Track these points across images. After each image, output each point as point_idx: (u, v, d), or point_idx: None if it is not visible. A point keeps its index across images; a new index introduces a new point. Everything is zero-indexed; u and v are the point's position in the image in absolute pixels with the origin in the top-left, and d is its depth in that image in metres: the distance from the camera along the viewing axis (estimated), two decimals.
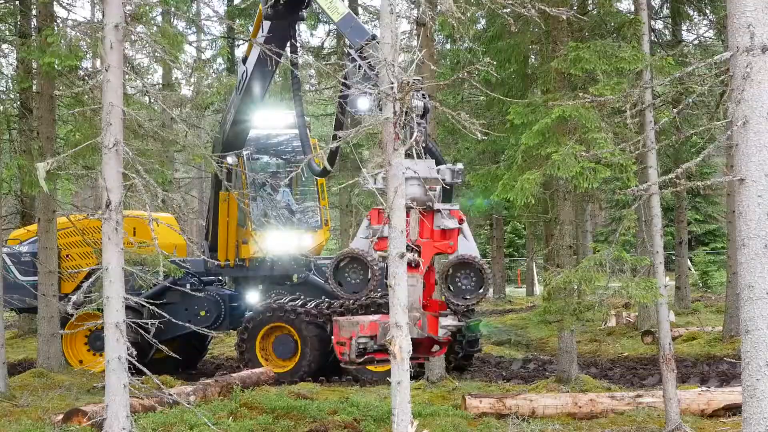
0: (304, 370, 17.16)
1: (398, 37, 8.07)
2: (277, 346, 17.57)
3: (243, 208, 19.34)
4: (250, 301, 19.05)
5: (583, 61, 11.87)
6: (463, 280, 10.39)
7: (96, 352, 18.63)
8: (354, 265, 10.49)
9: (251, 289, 19.35)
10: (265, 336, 17.53)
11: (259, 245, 19.09)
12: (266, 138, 20.58)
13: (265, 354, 17.56)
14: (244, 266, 19.09)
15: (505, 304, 35.86)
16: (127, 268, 9.01)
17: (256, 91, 17.13)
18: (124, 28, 8.81)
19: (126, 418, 8.78)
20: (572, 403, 12.49)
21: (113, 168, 8.70)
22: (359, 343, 10.44)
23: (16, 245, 19.54)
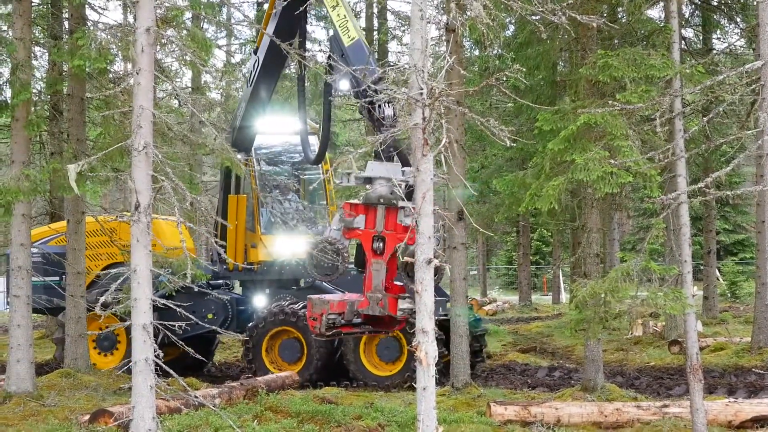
0: (311, 373, 17.17)
1: (428, 42, 8.08)
2: (283, 350, 17.57)
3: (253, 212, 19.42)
4: (258, 305, 19.08)
5: (612, 68, 11.82)
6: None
7: (103, 352, 18.78)
8: (327, 251, 12.25)
9: (258, 292, 19.39)
10: (272, 340, 17.54)
11: (268, 249, 19.15)
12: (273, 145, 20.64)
13: (271, 358, 17.58)
14: (252, 270, 19.12)
15: (531, 311, 35.75)
16: (155, 270, 9.06)
17: (266, 81, 17.21)
18: (155, 32, 8.86)
19: (152, 420, 8.82)
20: (598, 412, 12.43)
21: (143, 170, 8.75)
22: (329, 319, 12.36)
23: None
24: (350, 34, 14.20)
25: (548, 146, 11.99)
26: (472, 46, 23.82)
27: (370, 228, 12.39)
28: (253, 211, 19.53)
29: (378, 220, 12.48)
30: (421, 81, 7.84)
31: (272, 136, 20.38)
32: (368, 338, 17.03)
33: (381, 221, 12.51)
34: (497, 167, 24.74)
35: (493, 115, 21.96)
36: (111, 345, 18.71)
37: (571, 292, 12.20)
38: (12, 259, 14.61)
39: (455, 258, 15.24)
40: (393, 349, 17.28)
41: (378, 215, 12.46)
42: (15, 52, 14.19)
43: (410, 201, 11.71)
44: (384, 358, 17.26)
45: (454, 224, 14.74)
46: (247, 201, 19.47)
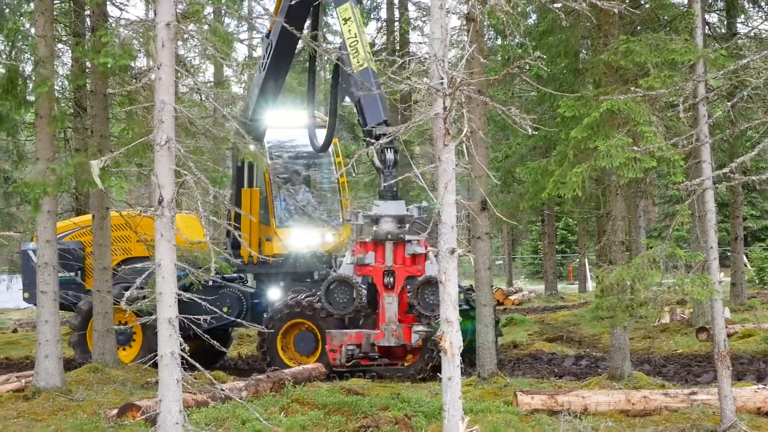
0: (326, 364, 17.16)
1: (448, 32, 8.05)
2: (298, 343, 17.54)
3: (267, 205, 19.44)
4: (272, 298, 19.07)
5: (634, 53, 11.74)
6: (431, 295, 13.09)
7: (119, 346, 18.83)
8: (342, 287, 13.51)
9: (273, 285, 19.39)
10: (286, 332, 17.51)
11: (283, 242, 19.17)
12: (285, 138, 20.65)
13: (286, 350, 17.59)
14: (266, 263, 19.14)
15: (557, 300, 35.66)
16: (179, 264, 9.09)
17: (279, 66, 17.27)
18: (175, 27, 8.88)
19: (179, 413, 8.85)
20: (625, 400, 12.38)
21: (165, 165, 8.77)
22: (348, 350, 13.63)
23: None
24: (359, 59, 14.71)
25: (571, 134, 11.94)
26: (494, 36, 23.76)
27: (380, 263, 13.18)
28: (267, 204, 19.53)
29: (387, 255, 13.48)
30: (442, 70, 7.82)
31: (284, 129, 20.40)
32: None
33: (390, 256, 13.53)
34: (520, 156, 24.63)
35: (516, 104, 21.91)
36: (127, 339, 18.77)
37: (597, 279, 12.16)
38: (38, 255, 14.69)
39: (479, 248, 15.19)
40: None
41: (387, 251, 13.47)
42: (37, 48, 14.26)
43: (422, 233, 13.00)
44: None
45: (478, 214, 14.72)
46: (260, 194, 19.50)
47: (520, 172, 14.76)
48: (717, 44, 18.25)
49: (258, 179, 19.59)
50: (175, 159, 8.90)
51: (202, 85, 10.69)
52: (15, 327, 30.21)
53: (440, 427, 9.03)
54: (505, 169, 24.53)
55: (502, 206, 22.27)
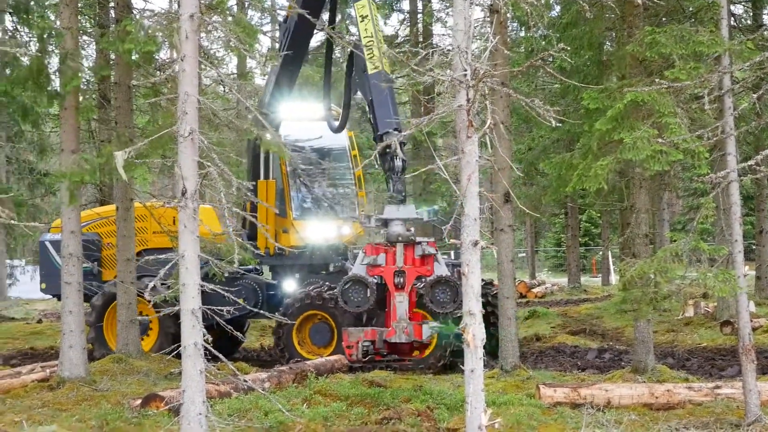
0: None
1: (471, 23, 8.03)
2: (314, 334, 17.56)
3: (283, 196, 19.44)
4: (288, 290, 19.09)
5: (659, 45, 11.66)
6: (441, 294, 13.84)
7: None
8: (357, 286, 14.17)
9: (288, 277, 19.40)
10: (302, 324, 17.52)
11: (300, 234, 19.19)
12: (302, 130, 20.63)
13: (301, 342, 17.61)
14: (283, 255, 19.15)
15: (581, 293, 35.57)
16: (203, 255, 9.12)
17: (295, 53, 17.35)
18: (199, 18, 8.90)
19: (202, 404, 8.89)
20: (648, 394, 12.34)
21: (189, 156, 8.80)
22: (363, 346, 14.33)
23: (59, 233, 19.89)
24: (374, 61, 14.98)
25: (595, 126, 11.89)
26: (517, 27, 23.70)
27: (391, 264, 13.70)
28: (283, 196, 19.54)
29: (398, 257, 14.17)
30: (465, 62, 7.80)
31: (301, 122, 20.40)
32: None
33: (400, 257, 14.21)
34: (544, 149, 24.60)
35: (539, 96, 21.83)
36: (144, 329, 18.84)
37: (620, 272, 12.11)
38: (63, 246, 14.78)
39: (502, 240, 15.17)
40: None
41: (397, 252, 14.13)
42: (63, 41, 14.33)
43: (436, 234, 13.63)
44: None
45: (501, 206, 14.70)
46: (276, 186, 19.51)
47: (544, 166, 14.72)
48: (743, 36, 18.10)
49: (274, 171, 19.58)
50: (199, 151, 8.93)
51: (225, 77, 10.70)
52: (40, 317, 30.42)
53: (463, 420, 9.03)
54: (527, 161, 24.51)
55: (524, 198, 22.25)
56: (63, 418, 11.91)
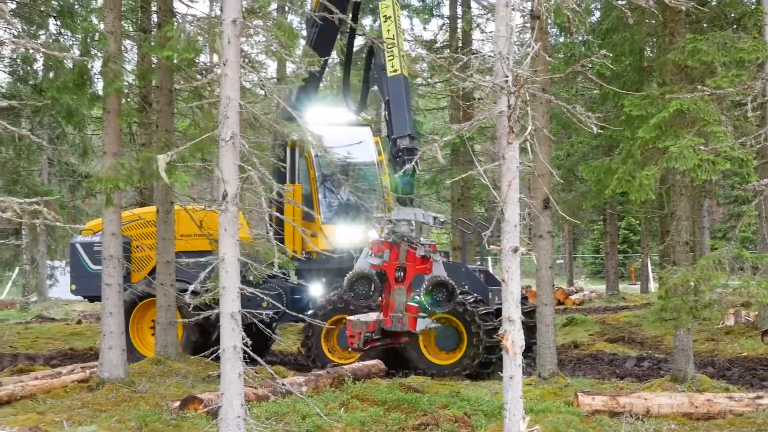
0: (372, 357, 17.05)
1: (513, 29, 8.02)
2: (342, 339, 17.53)
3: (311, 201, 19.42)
4: (314, 294, 19.07)
5: (701, 52, 11.58)
6: (438, 294, 14.41)
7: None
8: (362, 281, 14.72)
9: (314, 281, 19.38)
10: (330, 329, 17.47)
11: (328, 239, 19.18)
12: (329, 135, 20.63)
13: (330, 346, 17.58)
14: (310, 259, 19.14)
15: (619, 300, 35.31)
16: (242, 259, 9.17)
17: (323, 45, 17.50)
18: (241, 23, 8.96)
19: (240, 407, 8.93)
20: (688, 403, 12.23)
21: (230, 160, 8.85)
22: (365, 336, 14.77)
23: (89, 236, 20.01)
24: (394, 65, 15.29)
25: (639, 133, 11.82)
26: (557, 33, 23.62)
27: (393, 261, 15.01)
28: (310, 200, 19.52)
29: (401, 254, 14.89)
30: (506, 68, 7.79)
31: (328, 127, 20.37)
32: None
33: (403, 255, 14.89)
34: (583, 155, 24.49)
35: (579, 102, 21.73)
36: None
37: (660, 280, 12.03)
38: (104, 248, 14.91)
39: (541, 246, 15.12)
40: (452, 338, 17.27)
41: (401, 250, 14.86)
42: (106, 45, 14.46)
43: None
44: (443, 347, 17.25)
45: (540, 212, 14.66)
46: (304, 190, 19.51)
47: (583, 171, 14.66)
48: None
49: (301, 175, 19.58)
50: (239, 155, 8.98)
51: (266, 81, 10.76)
52: (79, 318, 30.69)
53: (500, 426, 9.01)
54: (566, 167, 24.40)
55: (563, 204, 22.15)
56: (102, 419, 12.01)
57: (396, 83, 15.59)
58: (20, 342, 23.54)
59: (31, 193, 20.43)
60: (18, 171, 23.53)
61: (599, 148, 23.23)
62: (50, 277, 38.76)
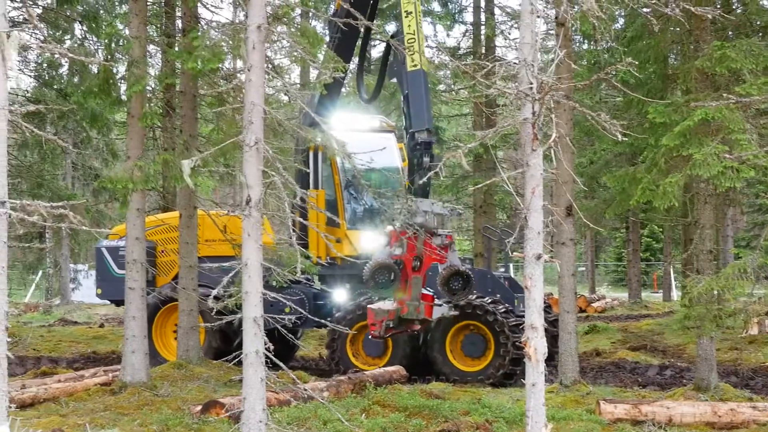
0: (398, 365, 17.01)
1: (538, 36, 8.02)
2: (367, 345, 17.53)
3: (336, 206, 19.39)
4: (338, 300, 19.03)
5: (729, 60, 11.52)
6: (455, 283, 15.06)
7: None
8: (383, 271, 15.07)
9: (338, 287, 19.32)
10: (355, 335, 17.47)
11: (353, 244, 19.14)
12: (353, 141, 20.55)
13: (355, 351, 17.58)
14: (335, 265, 19.12)
15: (641, 308, 35.17)
16: (265, 264, 9.19)
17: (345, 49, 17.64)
18: (266, 29, 8.99)
19: (262, 411, 8.95)
20: (711, 412, 12.17)
21: (254, 165, 8.88)
22: (386, 324, 15.44)
23: (115, 240, 20.07)
24: (414, 59, 15.58)
25: (663, 141, 11.77)
26: (581, 40, 23.56)
27: (410, 250, 15.46)
28: (336, 206, 19.49)
29: (418, 244, 15.27)
30: (531, 75, 7.79)
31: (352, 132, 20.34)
32: (454, 334, 17.07)
33: (420, 245, 15.29)
34: (606, 162, 24.41)
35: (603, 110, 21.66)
36: None
37: (683, 289, 11.98)
38: (127, 252, 14.98)
39: (564, 254, 15.07)
40: (479, 345, 17.23)
41: (419, 240, 15.22)
42: (131, 49, 14.55)
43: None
44: (469, 354, 17.21)
45: (563, 220, 14.63)
46: (328, 196, 19.49)
47: (607, 180, 14.61)
48: None
49: (325, 180, 19.56)
50: (263, 160, 9.00)
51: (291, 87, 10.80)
52: (102, 322, 30.85)
53: None
54: (589, 174, 24.33)
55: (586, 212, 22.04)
56: (125, 422, 12.07)
57: (416, 78, 15.87)
58: (43, 345, 23.67)
59: (55, 197, 20.53)
60: (42, 175, 23.69)
61: (622, 156, 23.15)
62: (73, 281, 38.97)
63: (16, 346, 21.62)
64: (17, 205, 5.95)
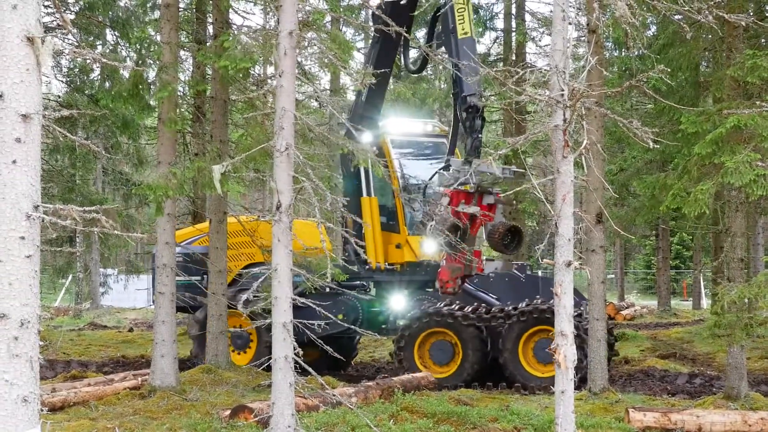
0: (468, 373, 16.97)
1: (569, 43, 8.01)
2: (435, 352, 17.40)
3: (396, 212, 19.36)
4: (395, 307, 18.97)
5: (761, 69, 11.47)
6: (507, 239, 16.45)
7: (236, 350, 18.96)
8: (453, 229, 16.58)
9: (394, 294, 19.26)
10: (424, 341, 17.41)
11: (414, 250, 19.08)
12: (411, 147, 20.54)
13: (422, 360, 17.43)
14: (394, 270, 19.07)
15: (671, 316, 34.97)
16: (295, 269, 9.21)
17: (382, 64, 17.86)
18: (297, 35, 9.02)
19: (291, 416, 8.97)
20: (742, 421, 12.07)
21: (284, 171, 8.91)
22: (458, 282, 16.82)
23: None
24: (465, 27, 16.16)
25: (695, 150, 11.71)
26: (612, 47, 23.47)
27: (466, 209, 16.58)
28: (396, 212, 19.44)
29: (473, 203, 16.32)
30: (562, 82, 7.78)
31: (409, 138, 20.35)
32: (526, 339, 16.86)
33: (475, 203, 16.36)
34: (636, 170, 24.28)
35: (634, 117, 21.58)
36: (244, 344, 18.91)
37: (713, 297, 11.92)
38: (157, 257, 15.07)
39: (594, 261, 15.01)
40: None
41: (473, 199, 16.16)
42: (162, 55, 14.64)
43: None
44: (541, 359, 16.90)
45: (593, 227, 14.57)
46: (389, 201, 19.45)
47: (638, 187, 14.55)
48: None
49: (381, 186, 19.48)
50: (294, 165, 9.03)
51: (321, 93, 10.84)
52: (131, 326, 31.01)
53: None
54: (619, 182, 24.21)
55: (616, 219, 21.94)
56: (154, 426, 12.12)
57: (468, 44, 16.73)
58: (73, 349, 23.82)
59: (86, 202, 20.69)
60: (73, 180, 23.85)
61: (653, 163, 23.02)
62: (103, 285, 39.24)
63: (46, 349, 21.77)
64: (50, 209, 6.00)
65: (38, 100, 5.71)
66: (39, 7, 5.73)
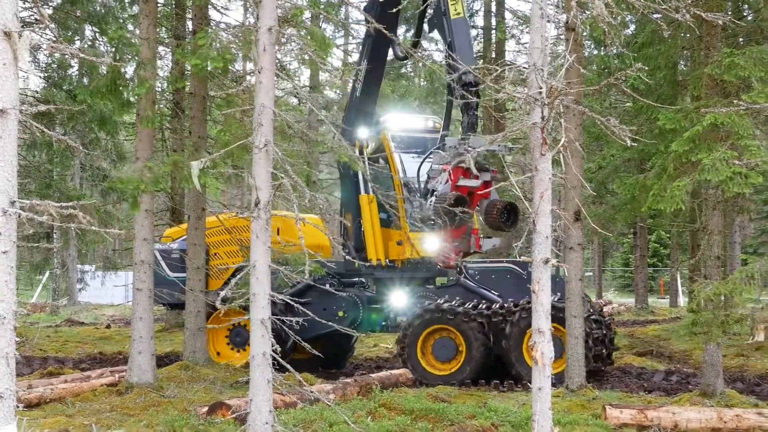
0: (471, 370, 16.92)
1: (548, 41, 8.02)
2: (437, 349, 17.30)
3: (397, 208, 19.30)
4: (396, 304, 18.88)
5: (738, 67, 11.52)
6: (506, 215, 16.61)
7: (235, 348, 18.88)
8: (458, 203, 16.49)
9: (394, 291, 19.15)
10: (425, 339, 17.33)
11: (416, 246, 18.94)
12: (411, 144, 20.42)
13: (425, 358, 17.35)
14: (394, 267, 19.02)
15: (648, 314, 35.11)
16: (273, 266, 9.20)
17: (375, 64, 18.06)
18: (277, 32, 9.00)
19: (269, 413, 8.96)
20: (717, 418, 12.15)
21: (263, 167, 8.90)
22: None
23: (168, 242, 20.04)
24: (457, 8, 16.60)
25: (672, 147, 11.77)
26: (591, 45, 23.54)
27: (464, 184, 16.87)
28: (397, 208, 19.33)
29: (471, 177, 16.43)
30: (541, 80, 7.79)
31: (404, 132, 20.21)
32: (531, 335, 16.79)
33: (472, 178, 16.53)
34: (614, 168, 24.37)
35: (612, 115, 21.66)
36: (243, 342, 18.66)
37: (690, 294, 11.99)
38: (135, 253, 15.01)
39: (572, 258, 15.07)
40: (557, 347, 16.98)
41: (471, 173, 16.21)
42: (139, 51, 14.58)
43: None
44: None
45: (571, 224, 14.62)
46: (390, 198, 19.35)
47: (617, 187, 14.62)
48: None
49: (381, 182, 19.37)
50: (272, 162, 9.02)
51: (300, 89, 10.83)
52: (108, 323, 30.88)
53: None
54: (598, 180, 24.29)
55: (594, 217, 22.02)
56: (131, 423, 12.09)
57: (459, 25, 17.20)
58: (50, 345, 23.71)
59: (63, 198, 20.55)
60: (51, 175, 23.72)
61: (631, 161, 23.10)
62: (80, 281, 39.05)
63: (23, 346, 21.65)
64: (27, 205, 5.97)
65: (15, 95, 5.68)
66: (16, 2, 5.69)
